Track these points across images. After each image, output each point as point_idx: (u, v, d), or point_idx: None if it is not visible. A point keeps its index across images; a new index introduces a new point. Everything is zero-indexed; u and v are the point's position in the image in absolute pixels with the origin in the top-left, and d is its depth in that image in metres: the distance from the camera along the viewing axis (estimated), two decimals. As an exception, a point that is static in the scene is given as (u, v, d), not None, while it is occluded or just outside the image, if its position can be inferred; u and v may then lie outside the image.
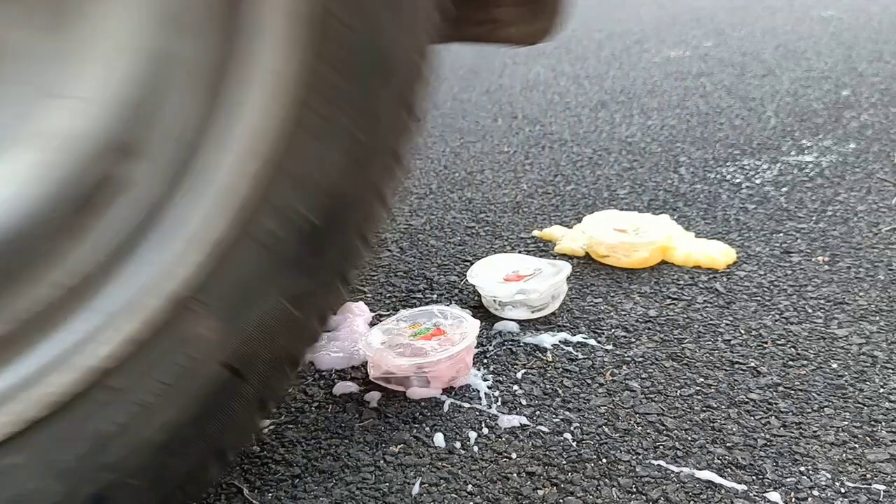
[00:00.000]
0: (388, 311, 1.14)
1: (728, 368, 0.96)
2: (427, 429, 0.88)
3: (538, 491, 0.77)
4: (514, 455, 0.83)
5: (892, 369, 0.94)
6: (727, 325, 1.06)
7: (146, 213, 0.61)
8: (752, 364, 0.97)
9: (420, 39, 0.68)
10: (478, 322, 0.99)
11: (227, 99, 0.61)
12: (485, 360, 1.01)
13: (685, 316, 1.09)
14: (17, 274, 0.59)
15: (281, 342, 0.68)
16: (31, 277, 0.59)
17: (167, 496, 0.66)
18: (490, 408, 0.91)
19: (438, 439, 0.86)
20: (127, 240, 0.61)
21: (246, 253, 0.63)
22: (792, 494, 0.75)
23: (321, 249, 0.67)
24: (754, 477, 0.78)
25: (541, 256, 1.27)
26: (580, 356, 1.01)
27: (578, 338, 1.04)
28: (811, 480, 0.77)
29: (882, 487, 0.75)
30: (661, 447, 0.83)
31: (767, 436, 0.84)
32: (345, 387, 0.96)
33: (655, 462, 0.81)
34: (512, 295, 1.08)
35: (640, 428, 0.86)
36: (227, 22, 0.60)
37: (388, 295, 1.20)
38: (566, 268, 1.12)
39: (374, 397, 0.94)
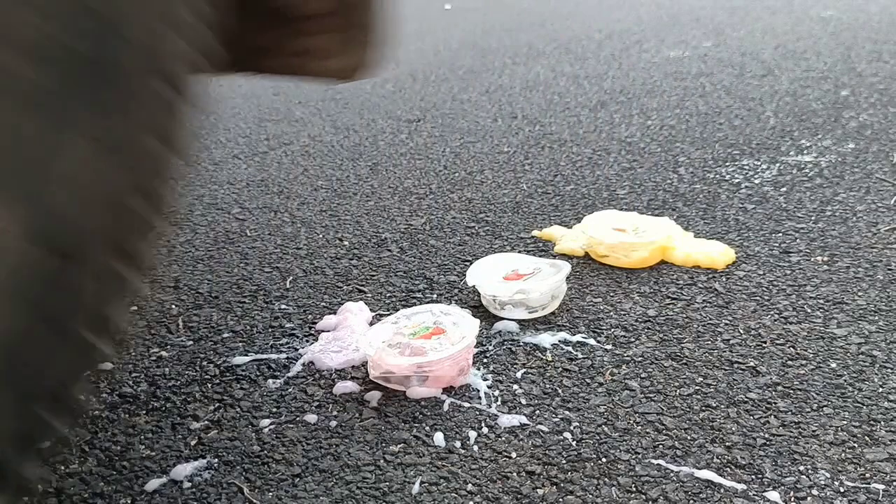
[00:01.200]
0: (388, 311, 1.14)
1: (727, 368, 0.96)
2: (427, 428, 0.88)
3: (538, 490, 0.78)
4: (513, 454, 0.83)
5: (891, 369, 0.94)
6: (726, 324, 1.06)
7: None
8: (752, 363, 0.97)
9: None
10: (477, 322, 0.99)
11: None
12: (485, 360, 1.01)
13: (684, 316, 1.09)
14: None
15: None
16: None
17: None
18: (490, 407, 0.91)
19: (438, 439, 0.86)
20: None
21: None
22: (791, 494, 0.75)
23: None
24: (753, 476, 0.78)
25: (541, 256, 1.27)
26: (580, 356, 1.01)
27: (578, 337, 1.05)
28: (810, 480, 0.77)
29: (881, 487, 0.76)
30: (661, 446, 0.83)
31: (766, 435, 0.84)
32: (345, 387, 0.96)
33: (655, 461, 0.81)
34: (511, 294, 1.08)
35: (639, 427, 0.86)
36: None
37: (388, 295, 1.20)
38: (566, 267, 1.12)
39: (374, 397, 0.94)
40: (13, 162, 0.48)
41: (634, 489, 0.77)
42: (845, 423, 0.85)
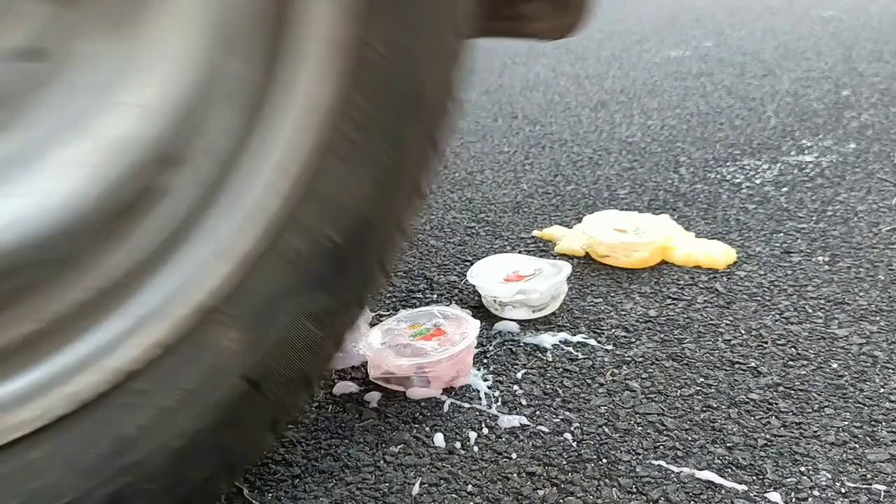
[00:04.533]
0: (388, 311, 1.14)
1: (728, 368, 0.96)
2: (427, 429, 0.88)
3: (538, 491, 0.77)
4: (514, 455, 0.83)
5: (893, 369, 0.94)
6: (727, 325, 1.06)
7: (180, 222, 0.63)
8: (753, 364, 0.97)
9: (450, 76, 0.70)
10: (478, 322, 0.99)
11: (265, 118, 0.63)
12: (485, 360, 1.00)
13: (685, 316, 1.09)
14: (55, 273, 0.60)
15: (298, 360, 0.69)
16: (67, 278, 0.60)
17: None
18: (490, 408, 0.91)
19: (438, 439, 0.86)
20: (160, 248, 0.63)
21: (271, 268, 0.65)
22: (792, 494, 0.75)
23: (342, 270, 0.68)
24: (754, 477, 0.78)
25: (541, 256, 1.27)
26: (580, 356, 1.00)
27: (578, 338, 1.04)
28: (811, 480, 0.77)
29: (882, 487, 0.75)
30: (662, 447, 0.83)
31: (768, 436, 0.84)
32: (345, 387, 0.96)
33: (656, 462, 0.81)
34: (512, 295, 1.08)
35: (640, 428, 0.86)
36: (270, 45, 0.62)
37: (388, 295, 1.20)
38: (566, 268, 1.12)
39: (374, 397, 0.93)
40: (258, 308, 0.65)
41: (635, 490, 0.77)
42: (847, 423, 0.85)
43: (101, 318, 0.61)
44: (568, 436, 0.85)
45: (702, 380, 0.94)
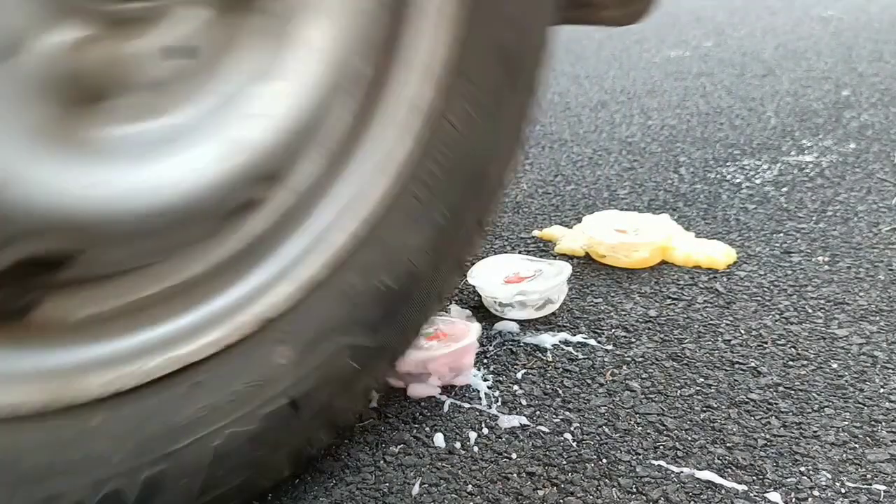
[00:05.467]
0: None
1: (728, 368, 0.96)
2: (427, 429, 0.88)
3: (538, 491, 0.77)
4: (514, 455, 0.83)
5: (893, 369, 0.94)
6: (727, 325, 1.06)
7: (271, 226, 0.70)
8: (753, 364, 0.97)
9: (507, 167, 0.77)
10: (479, 325, 0.99)
11: (347, 163, 0.71)
12: (485, 360, 1.01)
13: (685, 316, 1.09)
14: (210, 230, 0.68)
15: (333, 391, 0.73)
16: (219, 234, 0.69)
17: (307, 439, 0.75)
18: (490, 408, 0.91)
19: (438, 439, 0.86)
20: (248, 246, 0.70)
21: (329, 296, 0.69)
22: (792, 495, 0.75)
23: (388, 315, 0.73)
24: (754, 477, 0.78)
25: (541, 256, 1.27)
26: (580, 356, 1.01)
27: (578, 338, 1.04)
28: (811, 481, 0.77)
29: (882, 488, 0.75)
30: (662, 447, 0.83)
31: (768, 436, 0.84)
32: (345, 387, 0.96)
33: (656, 462, 0.81)
34: (512, 297, 1.08)
35: (640, 428, 0.86)
36: (363, 103, 0.70)
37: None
38: (567, 269, 1.12)
39: (373, 397, 0.93)
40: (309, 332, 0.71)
41: (635, 490, 0.77)
42: (847, 423, 0.85)
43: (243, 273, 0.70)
44: (568, 436, 0.85)
45: (702, 380, 0.94)
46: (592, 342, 1.04)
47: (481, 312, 1.11)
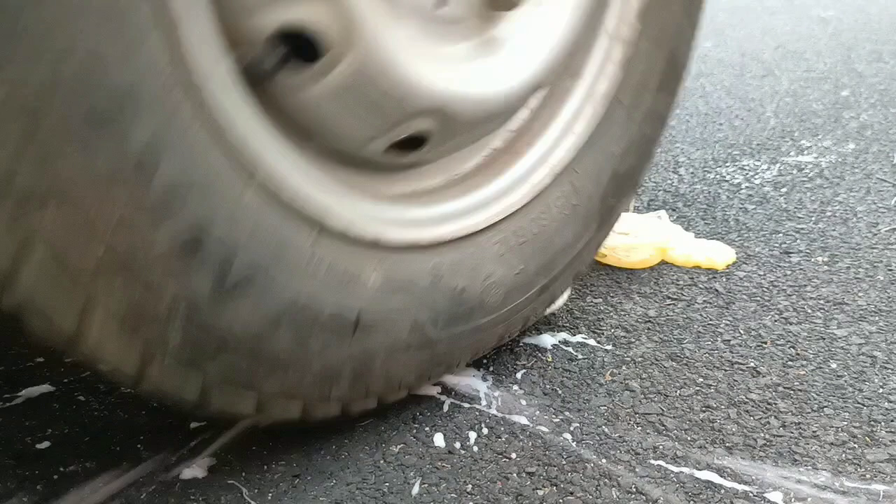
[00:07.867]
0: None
1: (728, 368, 0.96)
2: (427, 429, 0.88)
3: (538, 491, 0.78)
4: (513, 455, 0.83)
5: (892, 369, 0.94)
6: (727, 325, 1.06)
7: (539, 123, 0.96)
8: (752, 364, 0.97)
9: (639, 177, 1.07)
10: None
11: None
12: (485, 360, 1.01)
13: (685, 316, 1.09)
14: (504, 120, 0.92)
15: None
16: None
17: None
18: (490, 408, 0.91)
19: (438, 439, 0.86)
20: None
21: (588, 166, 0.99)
22: (792, 494, 0.75)
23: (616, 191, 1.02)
24: (754, 477, 0.78)
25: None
26: (580, 356, 1.01)
27: (578, 338, 1.05)
28: (811, 480, 0.77)
29: (881, 487, 0.75)
30: (661, 447, 0.83)
31: (767, 436, 0.84)
32: (345, 387, 0.96)
33: (655, 462, 0.81)
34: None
35: (640, 428, 0.86)
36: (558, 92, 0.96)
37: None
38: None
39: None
40: None
41: (635, 490, 0.77)
42: (846, 423, 0.85)
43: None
44: (568, 436, 0.85)
45: (701, 380, 0.94)
46: (592, 342, 1.04)
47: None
